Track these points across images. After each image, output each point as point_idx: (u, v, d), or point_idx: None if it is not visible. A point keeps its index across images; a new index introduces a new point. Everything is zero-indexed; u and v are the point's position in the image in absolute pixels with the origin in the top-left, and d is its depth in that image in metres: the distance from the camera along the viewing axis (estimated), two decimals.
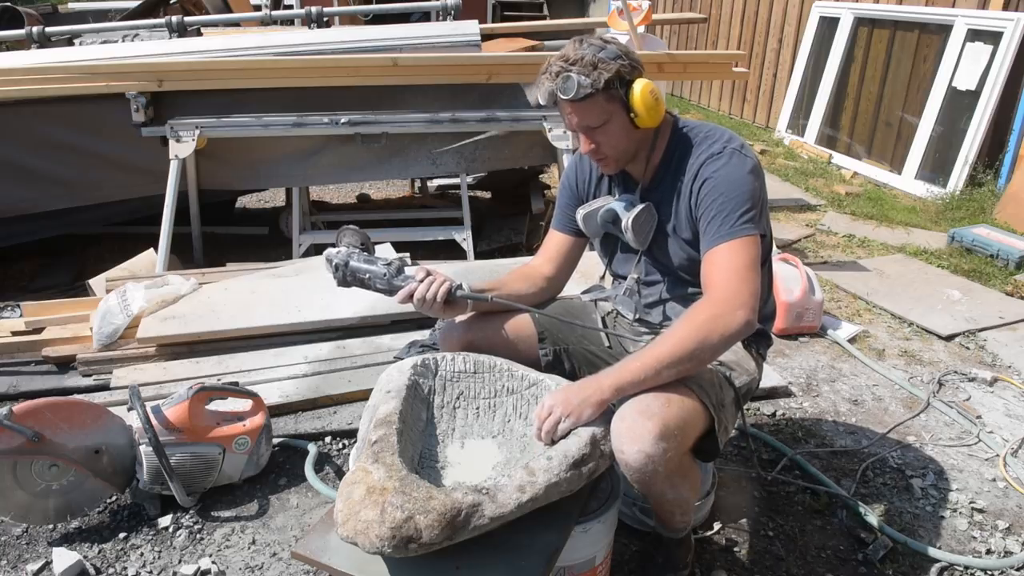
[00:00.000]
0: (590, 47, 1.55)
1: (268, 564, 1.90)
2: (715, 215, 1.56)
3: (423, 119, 3.68)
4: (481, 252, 4.01)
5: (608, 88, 1.54)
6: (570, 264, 1.89)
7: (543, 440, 1.44)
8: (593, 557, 1.57)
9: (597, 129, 1.60)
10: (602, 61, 1.53)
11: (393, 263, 1.65)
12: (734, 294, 1.48)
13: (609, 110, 1.57)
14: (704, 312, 1.48)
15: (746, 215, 1.55)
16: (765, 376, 2.62)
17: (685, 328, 1.47)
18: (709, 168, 1.60)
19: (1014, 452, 2.39)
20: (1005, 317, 3.32)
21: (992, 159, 4.89)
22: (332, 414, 2.50)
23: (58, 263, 3.92)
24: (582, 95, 1.53)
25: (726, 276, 1.51)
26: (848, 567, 1.92)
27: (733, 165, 1.59)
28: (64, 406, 1.95)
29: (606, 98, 1.55)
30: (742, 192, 1.56)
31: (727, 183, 1.57)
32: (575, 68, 1.53)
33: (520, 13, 10.70)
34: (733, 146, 1.62)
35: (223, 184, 3.94)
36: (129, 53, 3.73)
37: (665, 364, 1.44)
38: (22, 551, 1.94)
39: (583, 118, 1.58)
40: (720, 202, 1.56)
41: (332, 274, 1.67)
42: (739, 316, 1.46)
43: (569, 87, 1.52)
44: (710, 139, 1.65)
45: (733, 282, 1.50)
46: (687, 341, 1.45)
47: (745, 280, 1.50)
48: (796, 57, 6.65)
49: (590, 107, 1.56)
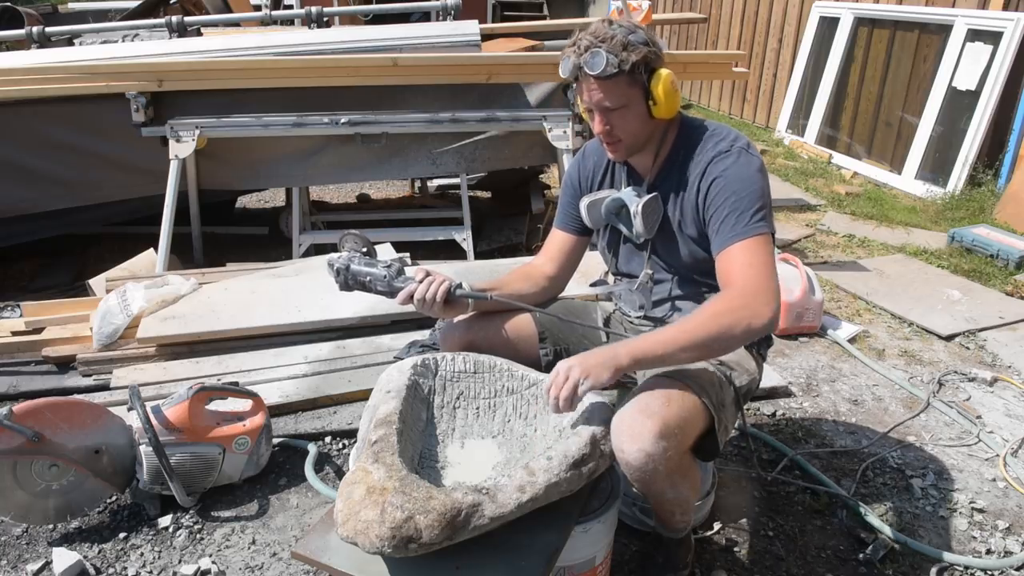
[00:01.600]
0: (621, 28, 1.56)
1: (268, 564, 1.90)
2: (728, 213, 1.56)
3: (423, 119, 3.68)
4: (481, 252, 4.01)
5: (633, 71, 1.55)
6: (572, 263, 1.89)
7: (560, 408, 1.39)
8: (593, 557, 1.57)
9: (615, 111, 1.60)
10: (632, 44, 1.54)
11: (393, 265, 1.66)
12: (761, 290, 1.48)
13: (629, 94, 1.58)
14: (731, 302, 1.47)
15: (759, 213, 1.55)
16: (765, 376, 2.62)
17: (710, 314, 1.46)
18: (718, 166, 1.60)
19: (1014, 452, 2.39)
20: (1005, 317, 3.32)
21: (992, 159, 4.88)
22: (332, 414, 2.50)
23: (58, 263, 3.92)
24: (608, 73, 1.53)
25: (748, 272, 1.50)
26: (848, 567, 1.92)
27: (742, 164, 1.59)
28: (64, 406, 1.95)
29: (629, 81, 1.56)
30: (753, 191, 1.56)
31: (738, 181, 1.57)
32: (604, 46, 1.53)
33: (520, 13, 10.69)
34: (740, 144, 1.62)
35: (223, 184, 3.94)
36: (129, 53, 3.72)
37: (683, 345, 1.43)
38: (22, 551, 1.94)
39: (604, 97, 1.58)
40: (733, 200, 1.56)
41: (334, 279, 1.69)
42: (766, 312, 1.45)
43: (597, 63, 1.53)
44: (716, 136, 1.65)
45: (757, 278, 1.49)
46: (711, 327, 1.43)
47: (768, 277, 1.50)
48: (796, 57, 6.65)
49: (613, 87, 1.56)
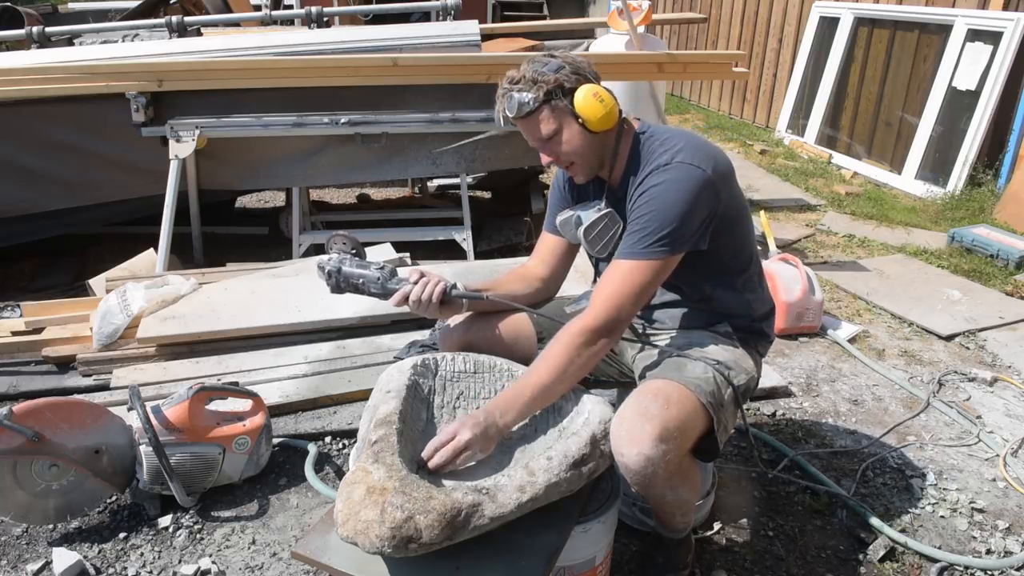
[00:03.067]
0: (533, 64, 1.59)
1: (268, 564, 1.90)
2: (637, 229, 1.57)
3: (423, 119, 3.68)
4: (481, 252, 4.01)
5: (550, 99, 1.57)
6: (564, 265, 1.88)
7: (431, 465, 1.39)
8: (593, 557, 1.57)
9: (551, 140, 1.61)
10: (541, 75, 1.57)
11: (386, 267, 1.65)
12: (608, 322, 1.53)
13: (557, 120, 1.59)
14: (579, 338, 1.52)
15: (666, 237, 1.54)
16: (765, 376, 2.62)
17: (562, 352, 1.51)
18: (650, 180, 1.58)
19: (1014, 452, 2.39)
20: (1005, 317, 3.32)
21: (992, 159, 4.89)
22: (332, 414, 2.50)
23: (58, 263, 3.91)
24: (525, 112, 1.57)
25: (608, 297, 1.55)
26: (848, 567, 1.92)
27: (674, 178, 1.55)
28: (64, 406, 1.95)
29: (550, 109, 1.58)
30: (674, 211, 1.54)
31: (661, 198, 1.55)
32: (516, 87, 1.58)
33: (520, 13, 10.69)
34: (681, 158, 1.57)
35: (223, 184, 3.94)
36: (129, 53, 3.72)
37: (548, 387, 1.50)
38: (22, 551, 1.94)
39: (533, 133, 1.62)
40: (646, 217, 1.56)
41: (325, 281, 1.67)
42: (602, 343, 1.54)
43: (512, 106, 1.57)
44: (664, 147, 1.62)
45: (610, 308, 1.53)
46: (565, 364, 1.51)
47: (622, 308, 1.54)
48: (796, 57, 6.65)
49: (537, 121, 1.59)
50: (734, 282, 1.73)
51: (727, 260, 1.70)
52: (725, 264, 1.71)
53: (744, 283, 1.75)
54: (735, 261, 1.72)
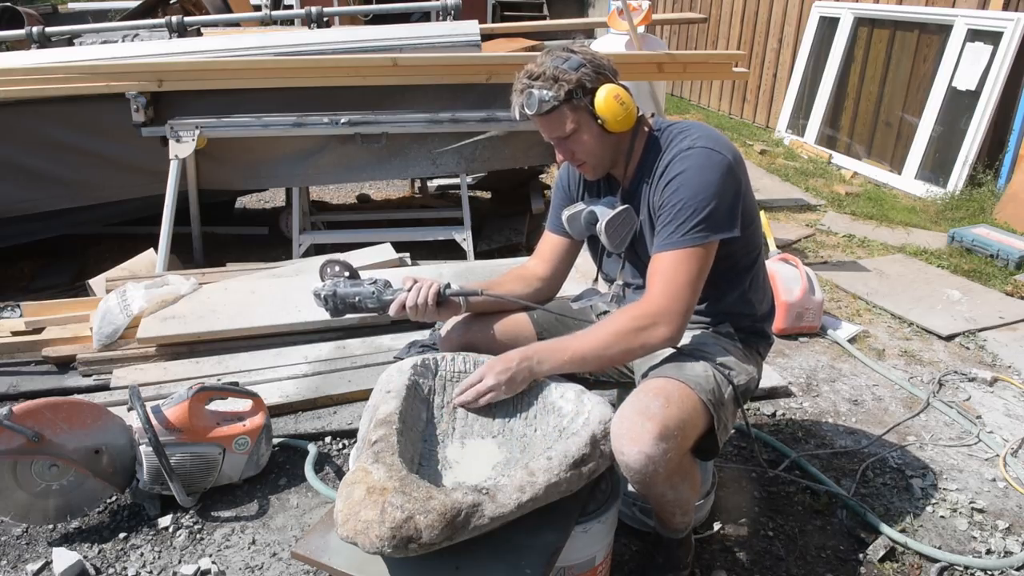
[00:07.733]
0: (553, 59, 1.57)
1: (268, 564, 1.90)
2: (671, 219, 1.56)
3: (423, 119, 3.67)
4: (481, 252, 4.01)
5: (571, 98, 1.56)
6: (565, 265, 1.88)
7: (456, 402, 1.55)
8: (593, 557, 1.57)
9: (568, 139, 1.61)
10: (563, 72, 1.55)
11: (379, 280, 1.68)
12: (667, 310, 1.52)
13: (576, 119, 1.58)
14: (635, 321, 1.53)
15: (702, 222, 1.53)
16: (765, 376, 2.62)
17: (613, 331, 1.53)
18: (676, 167, 1.58)
19: (1014, 452, 2.39)
20: (1005, 317, 3.32)
21: (992, 159, 4.89)
22: (332, 414, 2.50)
23: (58, 263, 3.92)
24: (545, 109, 1.56)
25: (664, 288, 1.54)
26: (848, 567, 1.92)
27: (699, 164, 1.55)
28: (64, 406, 1.95)
29: (570, 108, 1.57)
30: (705, 194, 1.53)
31: (689, 184, 1.55)
32: (537, 83, 1.56)
33: (520, 13, 10.70)
34: (703, 143, 1.58)
35: (223, 184, 3.94)
36: (129, 53, 3.72)
37: (585, 356, 1.54)
38: (22, 551, 1.94)
39: (551, 130, 1.61)
40: (679, 206, 1.55)
41: (323, 308, 1.69)
42: (664, 332, 1.52)
43: (532, 103, 1.56)
44: (682, 135, 1.62)
45: (668, 296, 1.53)
46: (611, 343, 1.52)
47: (679, 297, 1.53)
48: (796, 57, 6.65)
49: (556, 119, 1.58)
50: (742, 280, 1.73)
51: (740, 257, 1.70)
52: (738, 262, 1.70)
53: (751, 281, 1.75)
54: (746, 258, 1.72)
